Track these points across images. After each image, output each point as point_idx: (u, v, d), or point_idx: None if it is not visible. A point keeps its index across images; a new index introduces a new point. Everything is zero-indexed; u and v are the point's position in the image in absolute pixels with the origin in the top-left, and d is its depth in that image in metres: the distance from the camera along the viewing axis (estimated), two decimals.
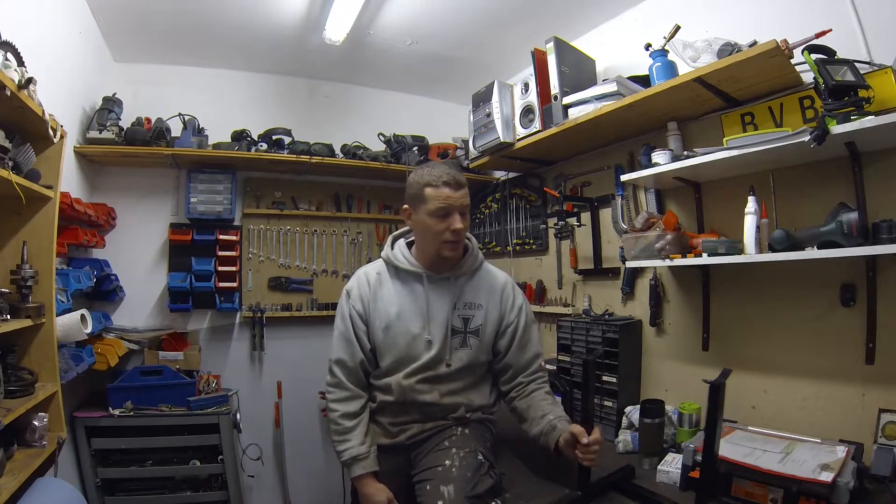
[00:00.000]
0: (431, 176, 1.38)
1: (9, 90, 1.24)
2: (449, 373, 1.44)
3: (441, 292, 1.46)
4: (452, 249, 1.42)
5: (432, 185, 1.37)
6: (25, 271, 1.49)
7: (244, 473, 2.50)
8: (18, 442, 1.44)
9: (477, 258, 1.54)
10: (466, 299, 1.48)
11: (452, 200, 1.37)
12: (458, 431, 1.42)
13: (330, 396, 1.46)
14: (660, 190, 2.00)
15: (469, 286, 1.50)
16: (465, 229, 1.42)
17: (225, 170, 2.65)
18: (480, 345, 1.47)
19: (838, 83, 1.25)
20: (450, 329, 1.44)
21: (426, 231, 1.41)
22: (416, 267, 1.47)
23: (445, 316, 1.44)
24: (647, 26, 1.97)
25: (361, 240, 3.02)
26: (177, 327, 2.58)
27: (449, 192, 1.37)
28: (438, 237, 1.39)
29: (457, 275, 1.48)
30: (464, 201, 1.40)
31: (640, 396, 2.00)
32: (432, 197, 1.37)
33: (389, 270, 1.50)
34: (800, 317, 1.58)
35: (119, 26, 2.32)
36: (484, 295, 1.50)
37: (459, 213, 1.39)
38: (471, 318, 1.47)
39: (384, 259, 1.52)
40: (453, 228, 1.38)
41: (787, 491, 1.19)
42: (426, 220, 1.39)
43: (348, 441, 1.39)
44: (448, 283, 1.47)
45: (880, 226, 1.23)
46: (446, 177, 1.38)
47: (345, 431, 1.40)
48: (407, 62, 2.80)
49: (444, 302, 1.45)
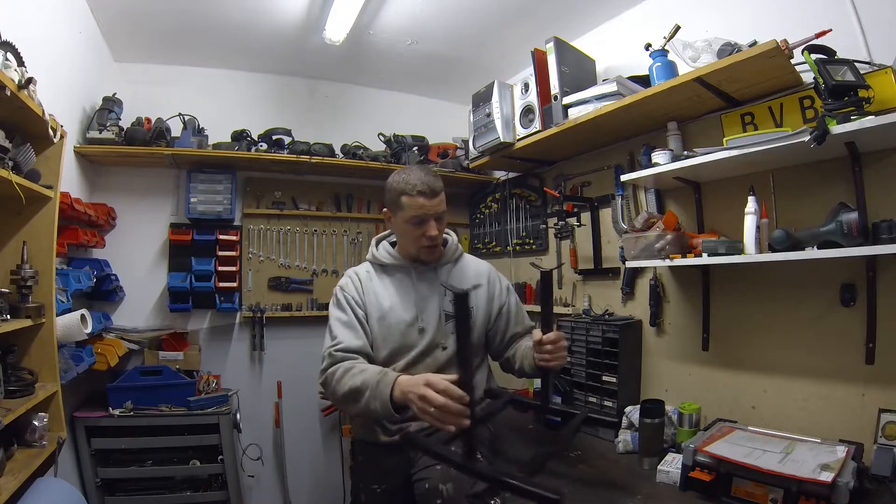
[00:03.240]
0: (407, 184, 1.40)
1: (9, 90, 1.25)
2: (447, 358, 1.45)
3: (429, 281, 1.51)
4: (429, 253, 1.48)
5: (407, 194, 1.40)
6: (25, 271, 1.49)
7: (244, 473, 2.50)
8: (18, 442, 1.44)
9: (457, 248, 1.60)
10: (454, 284, 1.51)
11: (427, 209, 1.40)
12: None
13: (332, 369, 1.33)
14: (660, 190, 2.00)
15: (454, 273, 1.56)
16: (442, 233, 1.47)
17: (225, 170, 2.65)
18: (473, 325, 1.49)
19: (838, 83, 1.25)
20: (443, 314, 1.47)
21: (405, 235, 1.47)
22: (402, 261, 1.51)
23: (437, 302, 1.48)
24: (647, 26, 1.97)
25: (361, 240, 3.02)
26: (177, 327, 2.57)
27: (423, 202, 1.39)
28: (416, 242, 1.45)
29: (441, 264, 1.54)
30: (439, 208, 1.42)
31: (640, 396, 2.00)
32: (408, 205, 1.40)
33: (376, 269, 1.54)
34: (800, 317, 1.58)
35: (119, 26, 2.32)
36: (470, 280, 1.55)
37: (435, 219, 1.42)
38: None
39: (370, 260, 1.56)
40: (429, 235, 1.42)
41: (787, 491, 1.19)
42: (403, 225, 1.44)
43: (365, 370, 1.27)
44: (434, 272, 1.52)
45: (880, 226, 1.23)
46: (420, 185, 1.39)
47: (361, 370, 1.28)
48: (407, 62, 2.80)
49: (434, 289, 1.50)
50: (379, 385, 1.20)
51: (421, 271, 1.51)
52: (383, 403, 1.18)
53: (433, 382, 1.07)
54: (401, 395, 1.16)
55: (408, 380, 1.17)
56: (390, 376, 1.21)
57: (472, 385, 1.13)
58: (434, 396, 1.05)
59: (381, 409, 1.19)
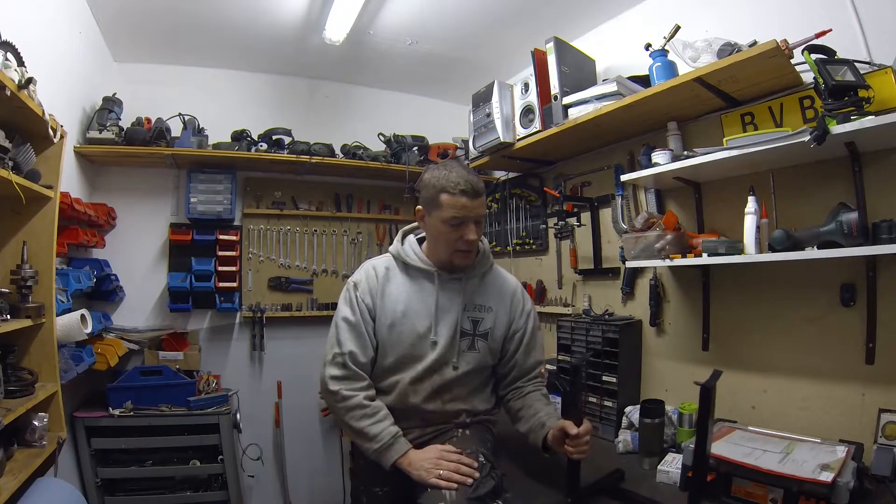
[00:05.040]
0: (448, 181, 1.30)
1: (9, 90, 1.25)
2: (456, 377, 1.39)
3: (451, 293, 1.42)
4: (464, 259, 1.38)
5: (449, 192, 1.30)
6: (25, 271, 1.49)
7: (244, 473, 2.50)
8: (18, 442, 1.44)
9: (488, 260, 1.50)
10: (477, 301, 1.45)
11: (468, 210, 1.31)
12: (459, 433, 1.41)
13: (343, 386, 1.33)
14: (660, 190, 2.00)
15: (480, 288, 1.46)
16: (479, 238, 1.38)
17: (225, 170, 2.65)
18: (488, 348, 1.44)
19: (838, 83, 1.25)
20: (459, 331, 1.40)
21: (438, 237, 1.37)
22: (428, 265, 1.42)
23: (455, 317, 1.40)
24: (647, 26, 1.97)
25: (361, 240, 3.02)
26: (177, 327, 2.58)
27: (466, 202, 1.30)
28: (450, 245, 1.35)
29: (468, 276, 1.44)
30: (480, 211, 1.34)
31: (640, 396, 2.00)
32: (448, 204, 1.30)
33: (399, 266, 1.45)
34: (800, 317, 1.58)
35: (119, 26, 2.32)
36: (494, 298, 1.47)
37: (475, 222, 1.34)
38: (480, 321, 1.44)
39: (393, 254, 1.47)
40: (467, 239, 1.33)
41: (787, 491, 1.19)
42: (439, 226, 1.34)
43: (381, 421, 1.30)
44: (459, 283, 1.43)
45: (880, 226, 1.23)
46: (464, 184, 1.29)
47: (374, 412, 1.31)
48: (407, 62, 2.80)
49: (455, 303, 1.41)
50: (388, 451, 1.29)
51: (445, 280, 1.41)
52: (385, 462, 1.29)
53: (446, 456, 1.26)
54: (407, 465, 1.27)
55: (419, 454, 1.28)
56: (402, 445, 1.30)
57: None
58: (450, 456, 1.25)
59: (378, 461, 1.30)
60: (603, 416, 1.94)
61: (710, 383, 1.16)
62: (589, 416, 1.97)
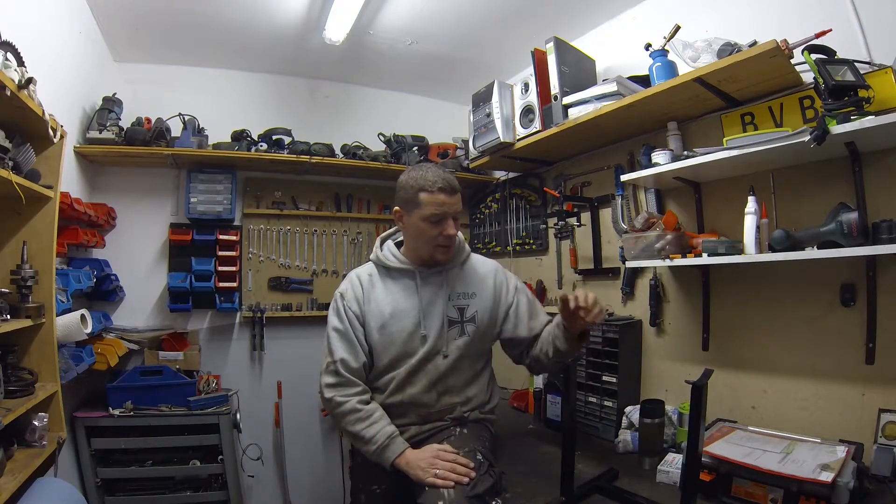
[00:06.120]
0: (426, 181, 1.37)
1: (9, 90, 1.25)
2: (448, 366, 1.43)
3: (434, 286, 1.47)
4: (445, 253, 1.44)
5: (427, 191, 1.37)
6: (25, 271, 1.49)
7: (244, 473, 2.50)
8: (18, 442, 1.44)
9: (464, 250, 1.55)
10: (459, 289, 1.49)
11: (447, 207, 1.38)
12: (457, 432, 1.42)
13: (336, 393, 1.39)
14: (660, 190, 2.00)
15: (460, 276, 1.52)
16: (457, 232, 1.44)
17: (225, 170, 2.65)
18: (477, 331, 1.48)
19: (838, 83, 1.25)
20: (446, 320, 1.45)
21: (419, 235, 1.42)
22: (408, 264, 1.48)
23: (441, 308, 1.45)
24: (647, 26, 1.97)
25: (361, 240, 3.02)
26: (177, 327, 2.58)
27: (444, 198, 1.37)
28: (431, 241, 1.41)
29: (448, 267, 1.50)
30: (457, 207, 1.41)
31: (640, 396, 2.00)
32: (427, 202, 1.37)
33: (380, 271, 1.50)
34: (800, 317, 1.58)
35: (119, 26, 2.32)
36: (476, 283, 1.52)
37: (453, 218, 1.40)
38: (466, 308, 1.48)
39: (374, 261, 1.52)
40: (447, 234, 1.39)
41: (787, 491, 1.19)
42: (419, 224, 1.40)
43: (376, 422, 1.35)
44: (440, 276, 1.48)
45: (880, 226, 1.23)
46: (441, 182, 1.37)
47: (368, 415, 1.35)
48: (407, 62, 2.79)
49: (439, 295, 1.46)
50: (385, 451, 1.32)
51: (425, 275, 1.47)
52: (383, 462, 1.33)
53: (442, 455, 1.27)
54: (404, 465, 1.30)
55: (416, 454, 1.31)
56: (399, 445, 1.33)
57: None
58: (446, 455, 1.27)
59: (377, 461, 1.34)
60: (603, 416, 1.94)
61: (701, 382, 1.16)
62: (589, 416, 1.97)
